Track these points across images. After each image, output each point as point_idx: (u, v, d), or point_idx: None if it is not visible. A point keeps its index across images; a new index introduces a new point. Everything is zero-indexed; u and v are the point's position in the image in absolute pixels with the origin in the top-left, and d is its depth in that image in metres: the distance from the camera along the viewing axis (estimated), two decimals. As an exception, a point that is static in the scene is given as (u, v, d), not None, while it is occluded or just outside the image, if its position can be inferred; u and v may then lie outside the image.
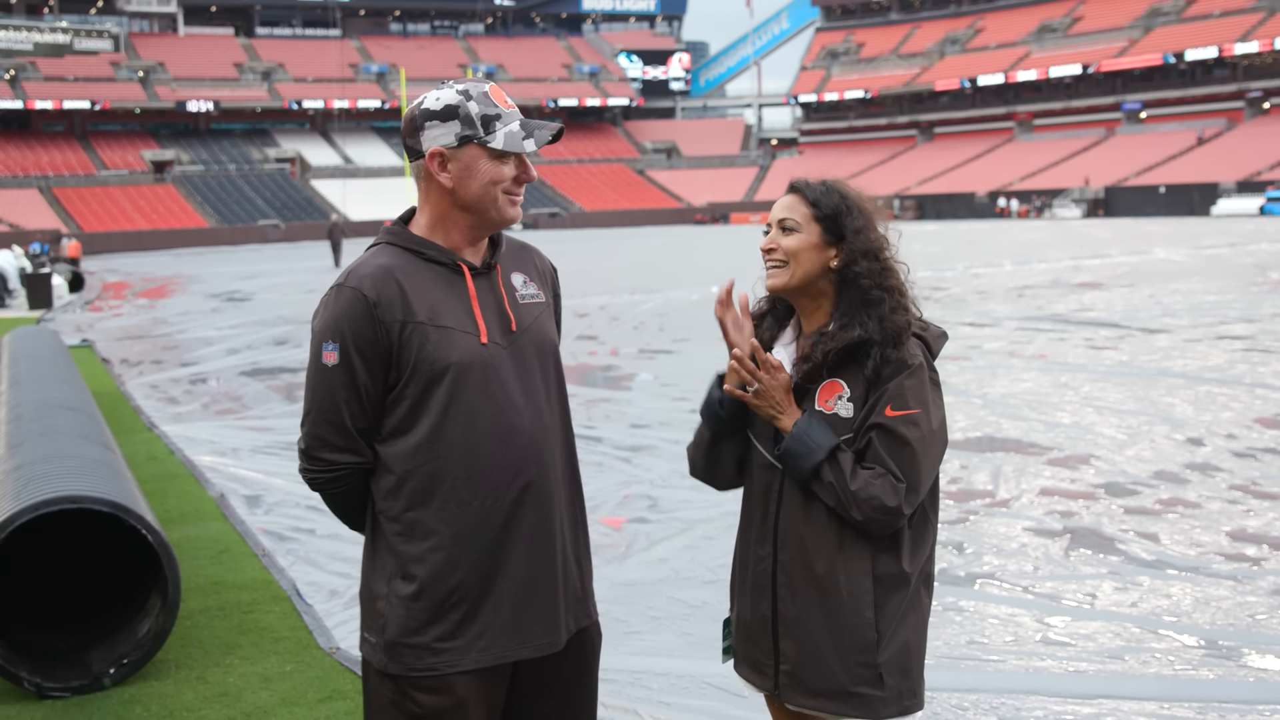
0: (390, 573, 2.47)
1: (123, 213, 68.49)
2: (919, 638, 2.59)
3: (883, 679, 2.51)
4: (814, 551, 2.53)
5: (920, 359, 2.51)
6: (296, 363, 15.16)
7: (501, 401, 2.46)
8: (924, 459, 2.47)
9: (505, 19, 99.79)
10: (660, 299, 22.43)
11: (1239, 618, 5.24)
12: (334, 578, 6.18)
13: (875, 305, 2.51)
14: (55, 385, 8.06)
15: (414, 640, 2.43)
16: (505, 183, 2.49)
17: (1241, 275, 23.22)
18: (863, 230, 2.56)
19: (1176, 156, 68.03)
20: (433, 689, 2.43)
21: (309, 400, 2.49)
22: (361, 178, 79.09)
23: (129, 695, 4.71)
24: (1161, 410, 9.88)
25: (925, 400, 2.49)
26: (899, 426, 2.46)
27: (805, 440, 2.48)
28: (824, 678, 2.54)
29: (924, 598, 2.60)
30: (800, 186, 2.62)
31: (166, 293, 30.12)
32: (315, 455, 2.49)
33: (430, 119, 2.46)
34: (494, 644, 2.46)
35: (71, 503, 4.65)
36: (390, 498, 2.47)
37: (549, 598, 2.52)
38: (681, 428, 9.87)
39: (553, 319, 2.68)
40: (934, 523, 2.59)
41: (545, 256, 2.75)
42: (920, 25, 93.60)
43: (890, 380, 2.48)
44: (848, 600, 2.50)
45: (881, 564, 2.51)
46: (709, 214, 77.73)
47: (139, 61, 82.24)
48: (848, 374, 2.52)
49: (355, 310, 2.42)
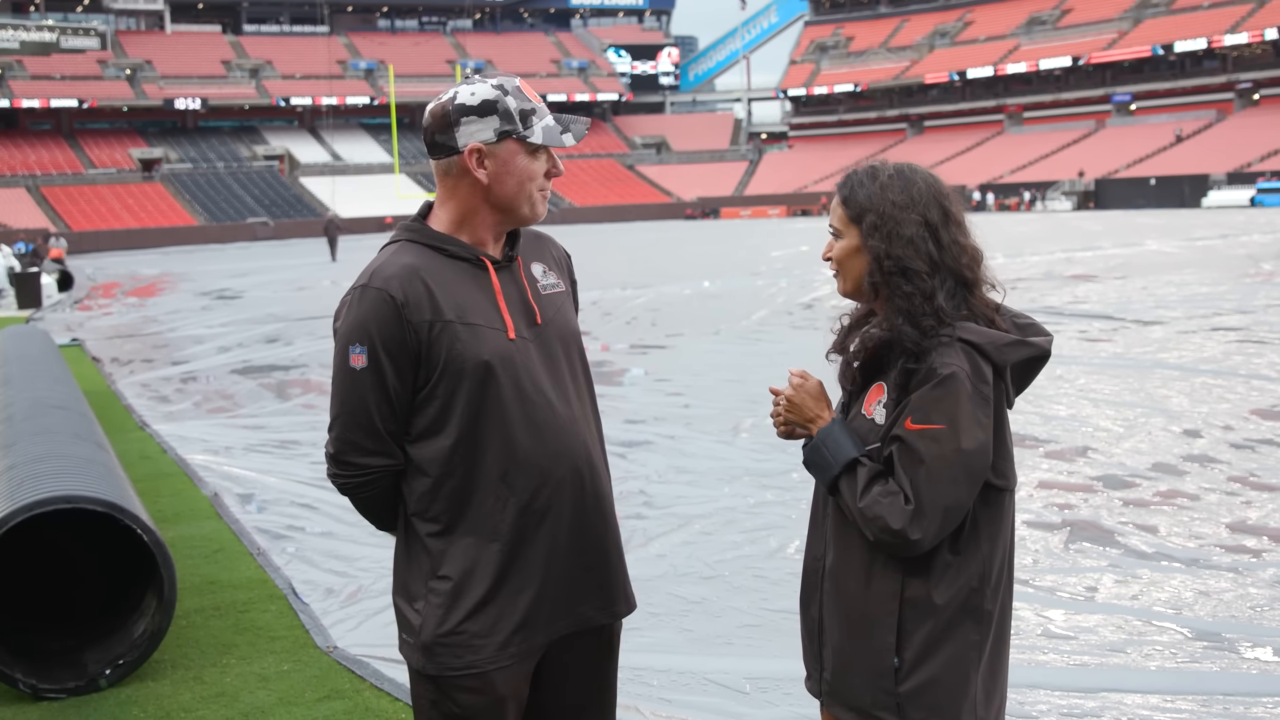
0: (426, 573, 2.44)
1: (111, 211, 68.28)
2: (957, 677, 2.29)
3: (902, 709, 2.29)
4: (849, 563, 2.38)
5: (955, 368, 2.23)
6: (288, 360, 15.12)
7: (533, 395, 2.44)
8: (941, 481, 2.21)
9: (493, 14, 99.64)
10: (652, 294, 22.41)
11: (1240, 610, 5.22)
12: (330, 576, 6.15)
13: (898, 308, 2.31)
14: (47, 385, 8.01)
15: (452, 639, 2.41)
16: (538, 179, 2.47)
17: (1234, 267, 23.25)
18: (880, 226, 2.34)
19: (1167, 148, 68.13)
20: (471, 688, 2.42)
21: (336, 404, 2.45)
22: (351, 175, 78.97)
23: (125, 696, 4.67)
24: (1157, 402, 9.87)
25: (954, 415, 2.21)
26: (916, 442, 2.22)
27: (821, 451, 2.34)
28: (852, 693, 2.38)
29: (970, 633, 2.30)
30: (840, 183, 2.44)
31: (156, 291, 30.03)
32: (345, 460, 2.45)
33: (466, 114, 2.41)
34: (533, 634, 2.45)
35: (66, 502, 4.60)
36: (425, 499, 2.44)
37: (601, 581, 2.53)
38: (676, 423, 9.85)
39: (573, 307, 2.66)
40: (989, 555, 2.31)
41: (559, 244, 2.72)
42: (909, 18, 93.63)
43: (915, 390, 2.26)
44: (871, 620, 2.33)
45: (911, 588, 2.29)
46: (699, 209, 77.70)
47: (126, 59, 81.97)
48: (889, 377, 2.34)
49: (382, 311, 2.37)
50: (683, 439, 9.23)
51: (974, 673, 2.31)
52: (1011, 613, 2.42)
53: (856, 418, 2.39)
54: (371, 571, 6.16)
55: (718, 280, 25.23)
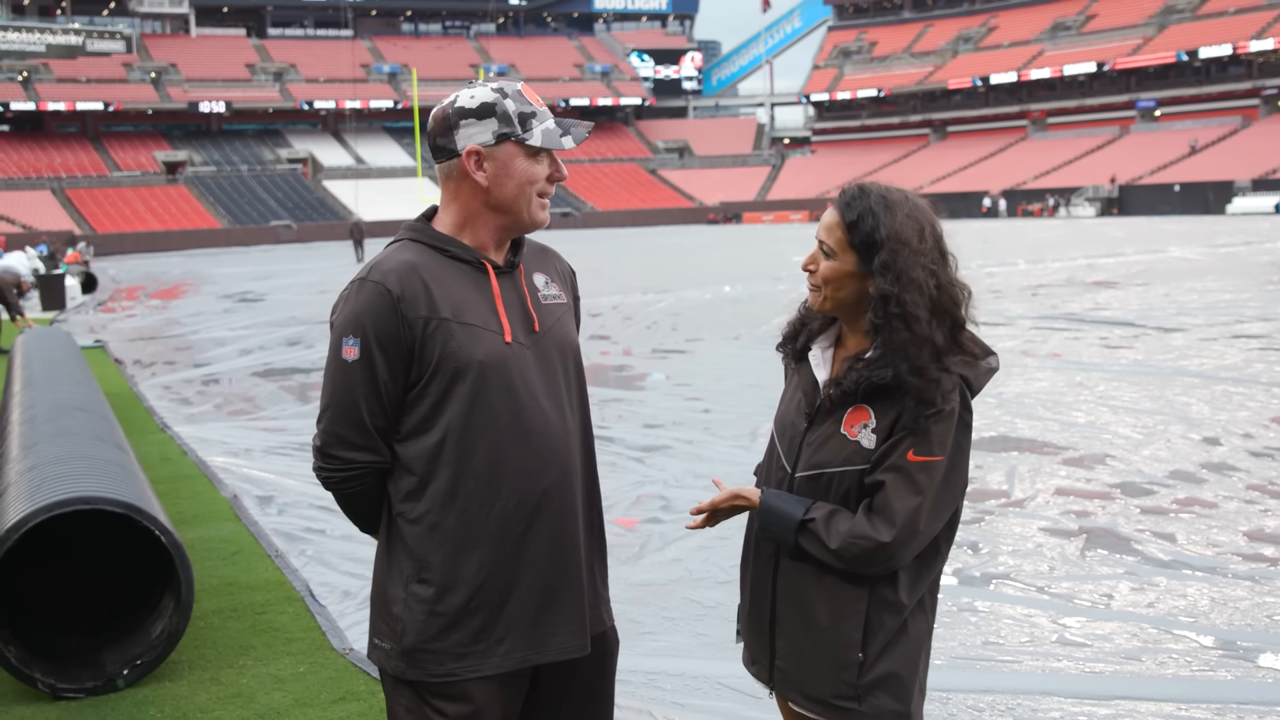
0: (408, 576, 2.43)
1: (135, 213, 68.68)
2: (910, 665, 2.44)
3: (861, 699, 2.41)
4: (818, 563, 2.45)
5: (954, 404, 2.35)
6: (309, 363, 15.17)
7: (525, 401, 2.43)
8: (936, 511, 2.36)
9: (517, 19, 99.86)
10: (673, 298, 22.41)
11: (1257, 618, 5.20)
12: (347, 578, 6.17)
13: (898, 337, 2.35)
14: (69, 386, 8.06)
15: (433, 645, 2.40)
16: (539, 183, 2.47)
17: (1257, 274, 23.12)
18: (890, 264, 2.36)
19: (1191, 155, 67.77)
20: (451, 696, 2.40)
21: (326, 396, 2.45)
22: (374, 178, 79.20)
23: (143, 696, 4.70)
24: (1177, 409, 9.83)
25: (951, 448, 2.35)
26: (918, 474, 2.33)
27: (770, 529, 2.46)
28: (810, 683, 2.47)
29: (920, 625, 2.47)
30: (841, 206, 2.44)
31: (179, 293, 30.18)
32: (331, 453, 2.44)
33: (466, 117, 2.43)
34: (515, 648, 2.43)
35: (85, 504, 4.64)
36: (410, 499, 2.43)
37: (573, 601, 2.49)
38: (695, 428, 9.86)
39: (574, 321, 2.66)
40: (945, 554, 2.49)
41: (564, 259, 2.73)
42: (933, 24, 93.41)
43: (913, 421, 2.34)
44: (837, 618, 2.42)
45: (877, 589, 2.41)
46: (721, 213, 77.66)
47: (151, 62, 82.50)
48: (877, 404, 2.40)
49: (378, 305, 2.37)
50: (701, 444, 9.23)
51: (921, 659, 2.48)
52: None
53: (834, 437, 2.44)
54: (388, 574, 6.17)
55: (739, 285, 25.22)
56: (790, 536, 2.42)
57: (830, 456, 2.43)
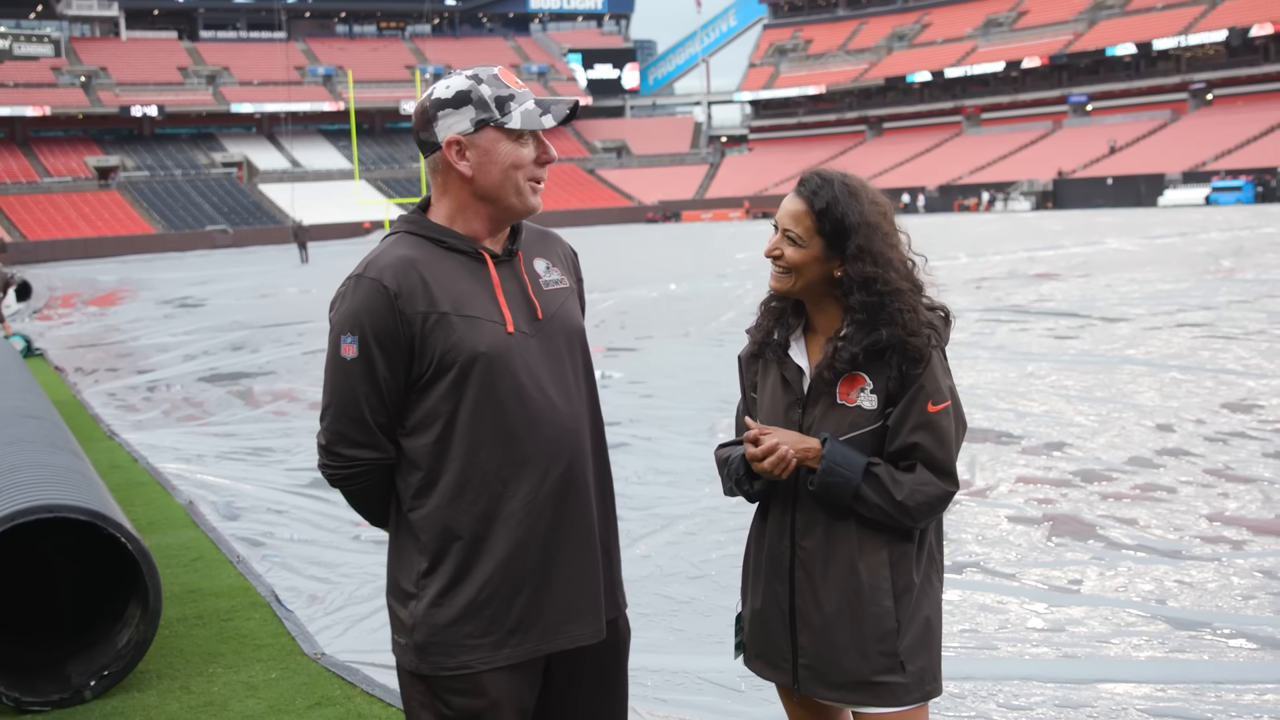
0: (419, 571, 2.40)
1: (67, 220, 67.49)
2: (934, 623, 2.59)
3: (904, 666, 2.51)
4: (833, 543, 2.54)
5: (935, 344, 2.56)
6: (255, 368, 15.00)
7: (531, 391, 2.40)
8: (958, 445, 2.58)
9: (452, 19, 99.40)
10: (619, 297, 22.38)
11: (1226, 599, 5.26)
12: (312, 583, 6.08)
13: (889, 308, 2.53)
14: (17, 394, 7.90)
15: (445, 639, 2.37)
16: (526, 166, 2.43)
17: (1195, 264, 23.47)
18: (866, 248, 2.53)
19: (1122, 148, 68.77)
20: (463, 690, 2.37)
21: (327, 394, 2.42)
22: (310, 181, 78.40)
23: (111, 708, 4.60)
24: (1128, 397, 9.94)
25: (948, 384, 2.56)
26: (941, 421, 2.52)
27: (837, 470, 2.48)
28: (846, 670, 2.53)
29: (935, 581, 2.63)
30: (807, 195, 2.57)
31: (116, 300, 29.71)
32: (334, 451, 2.43)
33: (443, 108, 2.40)
34: (528, 638, 2.41)
35: (48, 512, 4.53)
36: (418, 494, 2.40)
37: (586, 588, 2.47)
38: (652, 424, 9.83)
39: (578, 305, 2.63)
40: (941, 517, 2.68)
41: (566, 242, 2.71)
42: (867, 21, 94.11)
43: (919, 373, 2.51)
44: (868, 590, 2.51)
45: (898, 551, 2.54)
46: (660, 212, 77.76)
47: (81, 66, 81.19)
48: (870, 367, 2.54)
49: (375, 301, 2.34)
50: (659, 440, 9.21)
51: (938, 617, 2.62)
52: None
53: (833, 409, 2.55)
54: (355, 578, 6.10)
55: (684, 283, 25.25)
56: (854, 481, 2.48)
57: (836, 426, 2.54)
